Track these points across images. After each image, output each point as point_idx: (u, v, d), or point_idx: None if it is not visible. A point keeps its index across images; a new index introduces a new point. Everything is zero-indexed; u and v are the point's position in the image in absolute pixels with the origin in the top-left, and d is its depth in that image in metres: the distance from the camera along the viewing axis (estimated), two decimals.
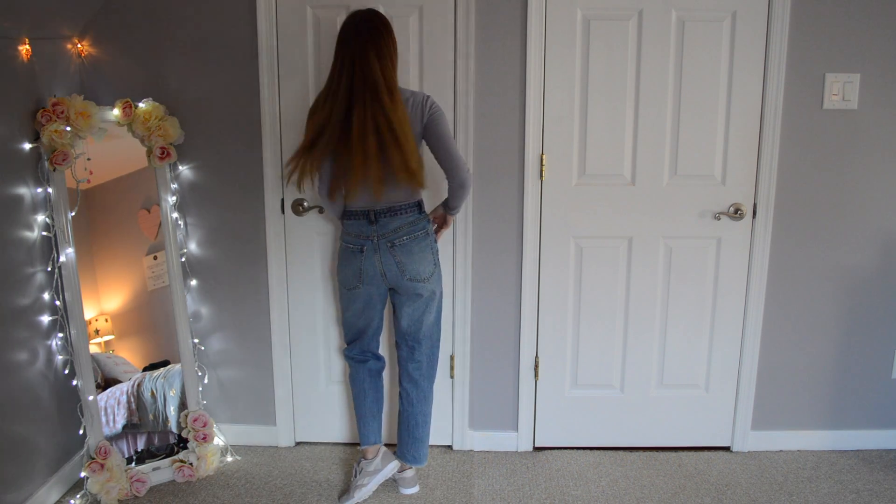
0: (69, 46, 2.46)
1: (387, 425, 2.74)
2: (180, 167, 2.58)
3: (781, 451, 2.79)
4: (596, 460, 2.72)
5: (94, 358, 2.49)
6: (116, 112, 2.41)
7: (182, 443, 2.62)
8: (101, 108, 2.40)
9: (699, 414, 2.77)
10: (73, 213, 2.34)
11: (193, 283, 2.67)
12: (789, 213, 2.60)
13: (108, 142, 2.47)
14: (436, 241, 2.33)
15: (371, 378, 2.45)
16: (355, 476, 2.42)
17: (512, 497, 2.46)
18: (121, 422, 2.58)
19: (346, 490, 2.46)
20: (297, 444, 2.84)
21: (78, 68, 2.51)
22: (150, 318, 2.71)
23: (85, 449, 2.42)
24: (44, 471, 2.36)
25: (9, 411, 2.18)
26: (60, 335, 2.41)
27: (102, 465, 2.38)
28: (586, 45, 2.51)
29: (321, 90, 2.16)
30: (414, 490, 2.46)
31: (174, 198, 2.56)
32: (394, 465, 2.46)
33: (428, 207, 2.51)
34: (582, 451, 2.79)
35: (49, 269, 2.36)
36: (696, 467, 2.67)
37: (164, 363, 2.68)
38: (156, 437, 2.64)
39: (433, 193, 2.54)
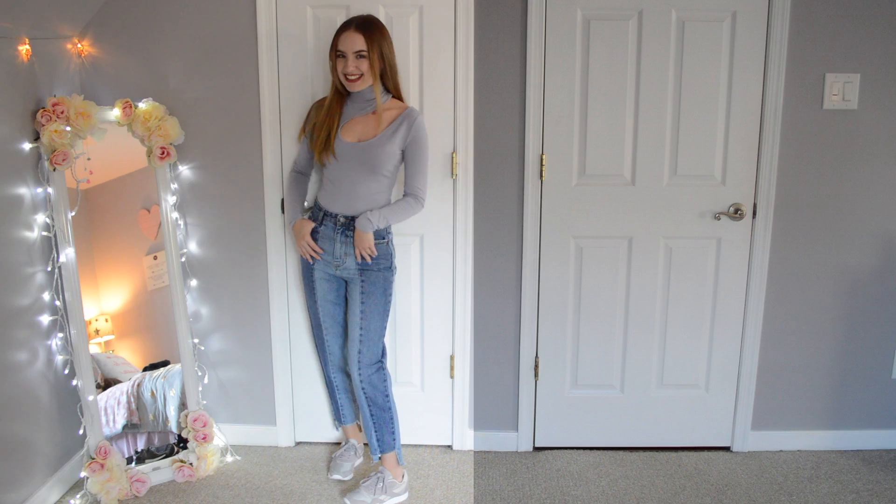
0: (69, 46, 2.46)
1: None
2: (180, 167, 2.58)
3: (781, 451, 2.79)
4: (596, 460, 2.72)
5: (94, 358, 2.49)
6: (116, 112, 2.41)
7: (182, 443, 2.62)
8: (101, 108, 2.40)
9: (699, 414, 2.77)
10: (73, 213, 2.34)
11: (193, 283, 2.67)
12: (789, 213, 2.60)
13: (108, 142, 2.47)
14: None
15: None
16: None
17: (512, 497, 2.46)
18: (121, 422, 2.58)
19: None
20: (297, 444, 2.84)
21: (78, 68, 2.51)
22: (150, 318, 2.71)
23: (85, 449, 2.42)
24: (44, 471, 2.36)
25: (9, 411, 2.18)
26: (60, 335, 2.41)
27: (102, 465, 2.38)
28: (586, 45, 2.50)
29: None
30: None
31: (174, 198, 2.56)
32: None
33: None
34: (582, 451, 2.79)
35: (49, 269, 2.36)
36: (696, 467, 2.67)
37: (164, 363, 2.68)
38: (156, 437, 2.64)
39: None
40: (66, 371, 2.44)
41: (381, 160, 2.25)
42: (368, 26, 2.18)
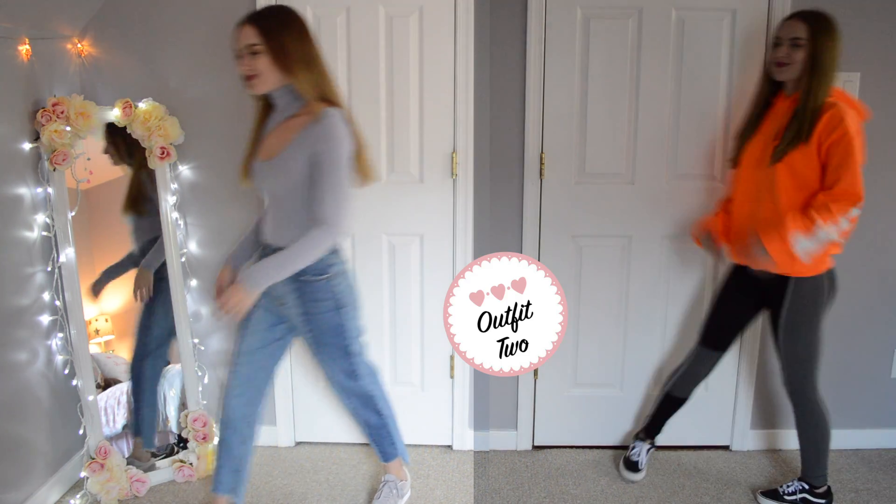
0: (69, 46, 2.46)
1: None
2: (180, 167, 2.58)
3: (780, 450, 2.79)
4: (595, 459, 2.73)
5: (94, 358, 2.49)
6: (116, 112, 2.41)
7: (182, 443, 2.62)
8: (101, 108, 2.39)
9: (698, 413, 2.77)
10: (73, 213, 2.34)
11: (193, 283, 2.67)
12: None
13: None
14: None
15: None
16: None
17: (511, 496, 2.47)
18: (121, 422, 2.59)
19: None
20: (297, 443, 2.84)
21: (78, 68, 2.51)
22: None
23: (85, 449, 2.42)
24: (44, 471, 2.36)
25: (9, 411, 2.18)
26: (60, 335, 2.41)
27: (102, 465, 2.38)
28: (586, 43, 2.51)
29: None
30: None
31: (174, 198, 2.56)
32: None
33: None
34: (581, 450, 2.79)
35: (49, 269, 2.36)
36: (695, 466, 2.68)
37: (165, 363, 2.68)
38: (156, 437, 2.64)
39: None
40: (66, 371, 2.44)
41: (291, 180, 1.87)
42: (264, 17, 1.86)
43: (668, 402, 2.56)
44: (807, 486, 2.39)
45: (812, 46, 2.08)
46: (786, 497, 2.39)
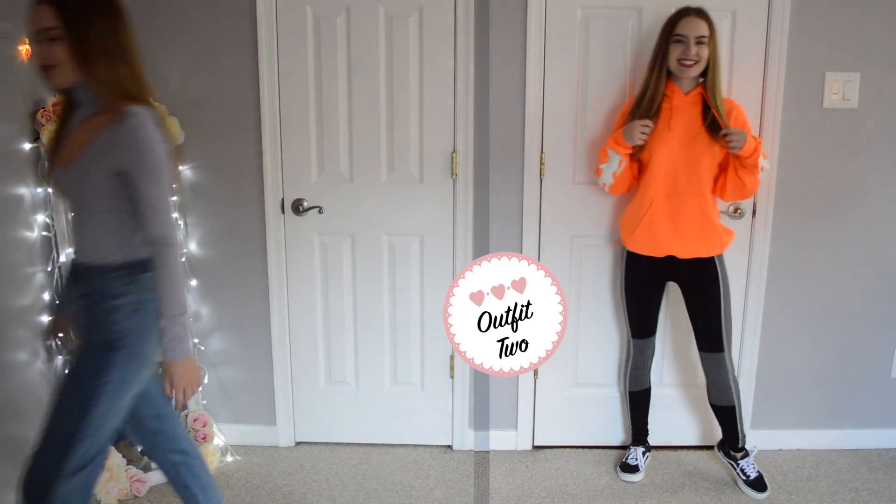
0: None
1: None
2: (180, 167, 2.58)
3: (780, 450, 2.79)
4: (595, 459, 2.73)
5: None
6: None
7: None
8: None
9: (699, 412, 2.78)
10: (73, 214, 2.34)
11: (193, 283, 2.67)
12: (789, 211, 2.60)
13: None
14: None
15: None
16: None
17: (511, 496, 2.47)
18: None
19: None
20: (297, 444, 2.84)
21: None
22: None
23: None
24: None
25: (9, 411, 2.18)
26: (61, 335, 2.40)
27: (102, 465, 2.38)
28: (586, 43, 2.51)
29: None
30: None
31: (174, 198, 2.56)
32: None
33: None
34: (581, 450, 2.79)
35: (49, 269, 2.36)
36: (695, 466, 2.68)
37: None
38: None
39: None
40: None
41: (93, 190, 1.57)
42: None
43: (636, 399, 2.63)
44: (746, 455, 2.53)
45: (713, 44, 2.21)
46: (762, 472, 2.51)
